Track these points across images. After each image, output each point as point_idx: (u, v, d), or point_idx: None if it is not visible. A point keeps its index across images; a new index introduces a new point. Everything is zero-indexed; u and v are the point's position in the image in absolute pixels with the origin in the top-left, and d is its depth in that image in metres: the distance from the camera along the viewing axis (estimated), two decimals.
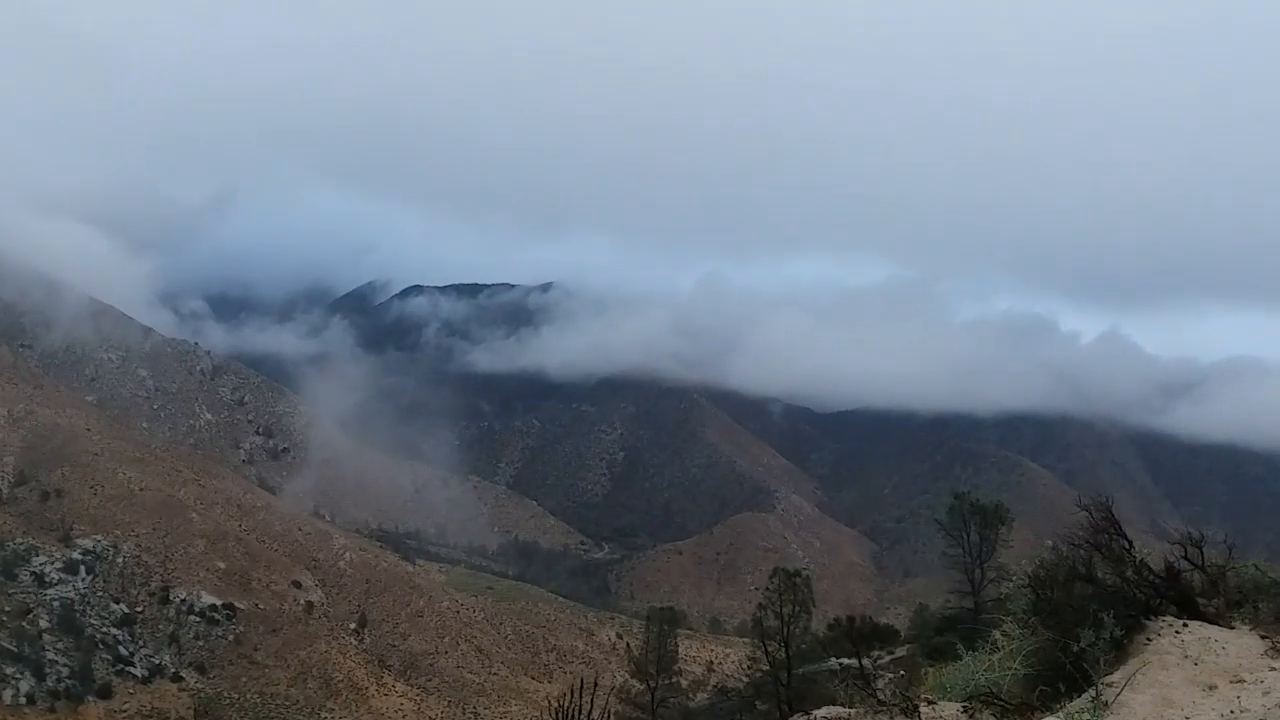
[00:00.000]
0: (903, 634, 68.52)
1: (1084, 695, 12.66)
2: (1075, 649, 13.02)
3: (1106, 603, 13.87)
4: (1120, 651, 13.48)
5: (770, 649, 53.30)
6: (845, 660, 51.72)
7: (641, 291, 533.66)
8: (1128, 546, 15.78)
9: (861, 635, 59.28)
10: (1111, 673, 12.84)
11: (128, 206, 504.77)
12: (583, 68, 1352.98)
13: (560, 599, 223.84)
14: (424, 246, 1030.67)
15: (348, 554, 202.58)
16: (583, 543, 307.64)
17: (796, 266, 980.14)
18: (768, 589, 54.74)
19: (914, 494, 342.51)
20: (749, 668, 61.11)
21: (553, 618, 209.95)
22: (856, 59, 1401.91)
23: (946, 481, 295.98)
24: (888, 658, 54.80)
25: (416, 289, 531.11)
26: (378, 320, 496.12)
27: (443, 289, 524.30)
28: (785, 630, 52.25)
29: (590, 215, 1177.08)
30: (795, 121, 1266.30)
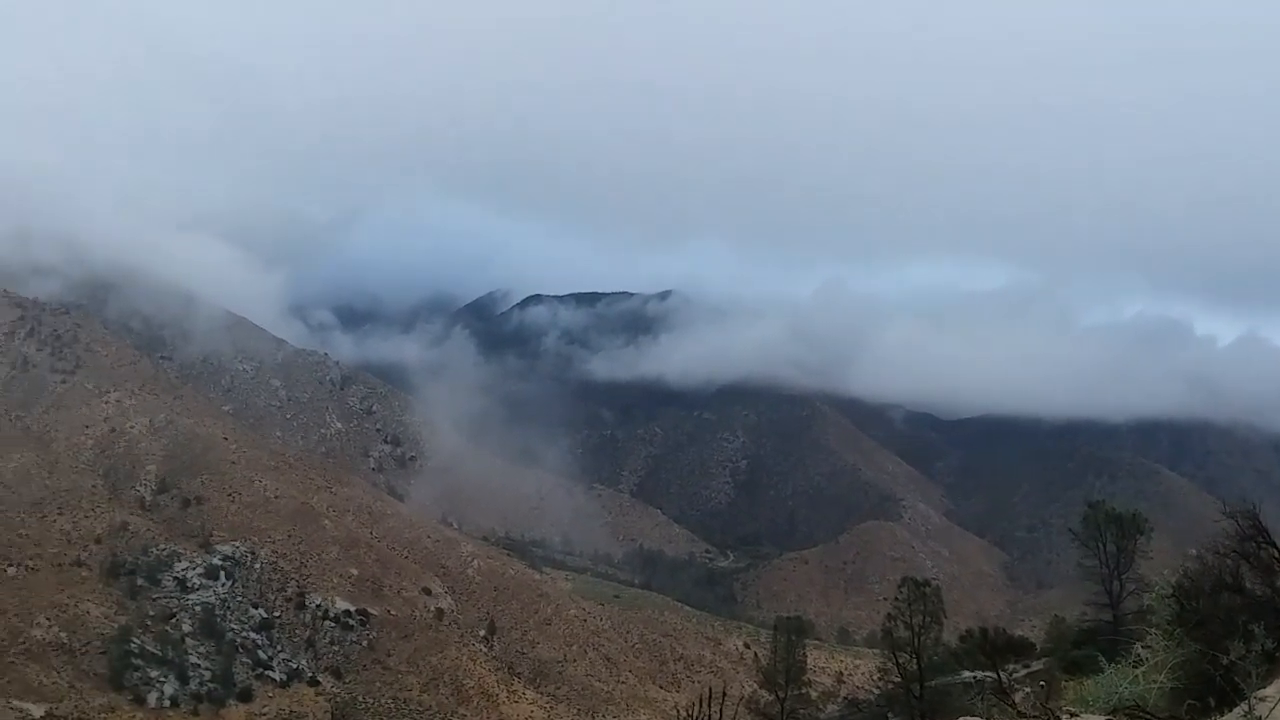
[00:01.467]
0: (1038, 647, 65.21)
1: (1235, 710, 12.14)
2: (1224, 662, 12.56)
3: (1256, 614, 13.42)
4: (1273, 664, 12.86)
5: (901, 660, 52.53)
6: (980, 673, 50.72)
7: (759, 298, 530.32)
8: (1277, 555, 15.18)
9: (996, 647, 56.79)
10: (1264, 686, 12.16)
11: (260, 223, 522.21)
12: (698, 81, 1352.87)
13: (686, 607, 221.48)
14: (544, 256, 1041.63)
15: (475, 561, 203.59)
16: (707, 551, 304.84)
17: (915, 271, 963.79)
18: (897, 599, 54.06)
19: (1045, 503, 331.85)
20: (880, 679, 59.67)
21: (679, 626, 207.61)
22: (970, 62, 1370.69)
23: (1079, 490, 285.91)
24: (1023, 671, 52.71)
25: (536, 298, 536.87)
26: (498, 329, 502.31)
27: (562, 298, 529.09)
28: (916, 641, 51.55)
29: (708, 223, 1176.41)
30: (912, 126, 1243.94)
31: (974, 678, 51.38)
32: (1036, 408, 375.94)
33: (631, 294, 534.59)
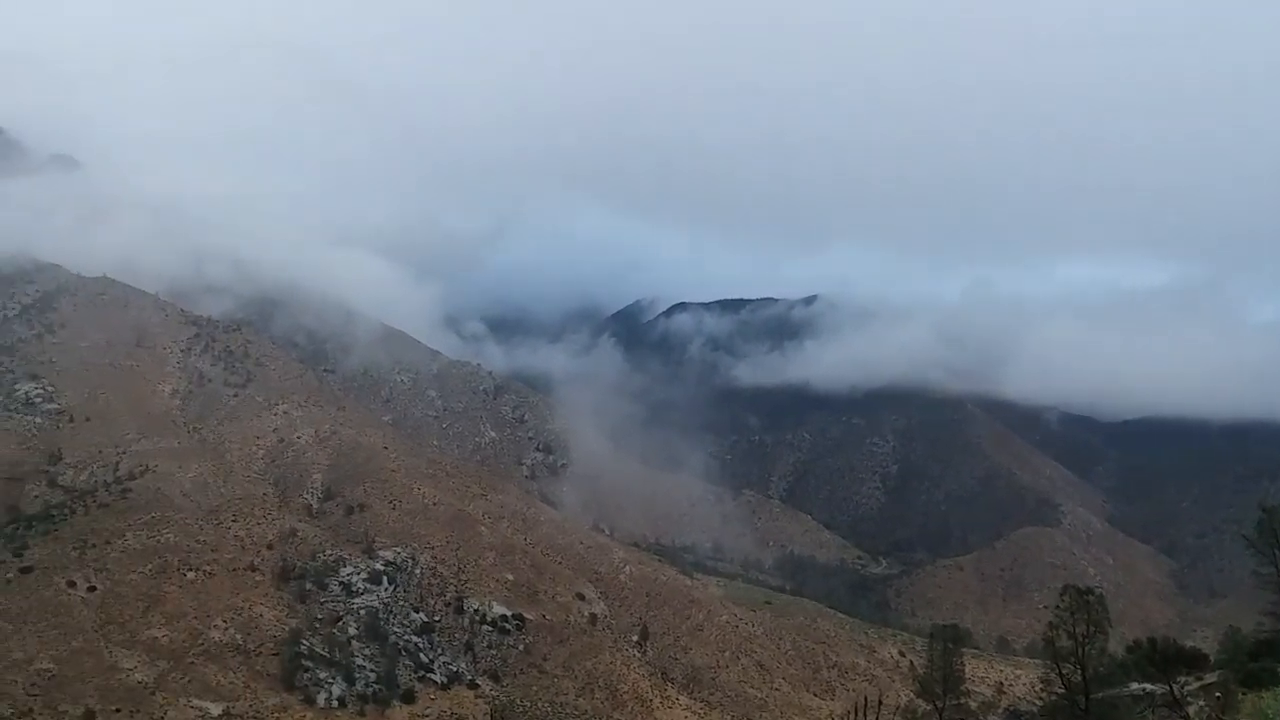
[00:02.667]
0: (1212, 659, 62.21)
1: None
2: None
3: None
4: None
5: (1065, 671, 51.24)
6: (1149, 685, 49.68)
7: (906, 301, 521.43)
8: None
9: (1166, 659, 54.18)
10: None
11: (413, 238, 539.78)
12: (843, 87, 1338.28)
13: (839, 614, 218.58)
14: (690, 265, 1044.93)
15: (627, 567, 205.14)
16: (859, 557, 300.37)
17: (1067, 270, 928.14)
18: (1059, 608, 52.58)
19: (1215, 508, 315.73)
20: (1042, 690, 57.67)
21: (832, 633, 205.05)
22: (1125, 49, 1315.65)
23: (1252, 494, 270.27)
24: (1196, 684, 50.57)
25: (682, 306, 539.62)
26: (644, 337, 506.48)
27: (707, 305, 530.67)
28: (1080, 652, 50.10)
29: (853, 227, 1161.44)
30: (1061, 118, 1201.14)
31: (1143, 690, 50.06)
32: (1203, 408, 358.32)
33: (776, 300, 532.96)
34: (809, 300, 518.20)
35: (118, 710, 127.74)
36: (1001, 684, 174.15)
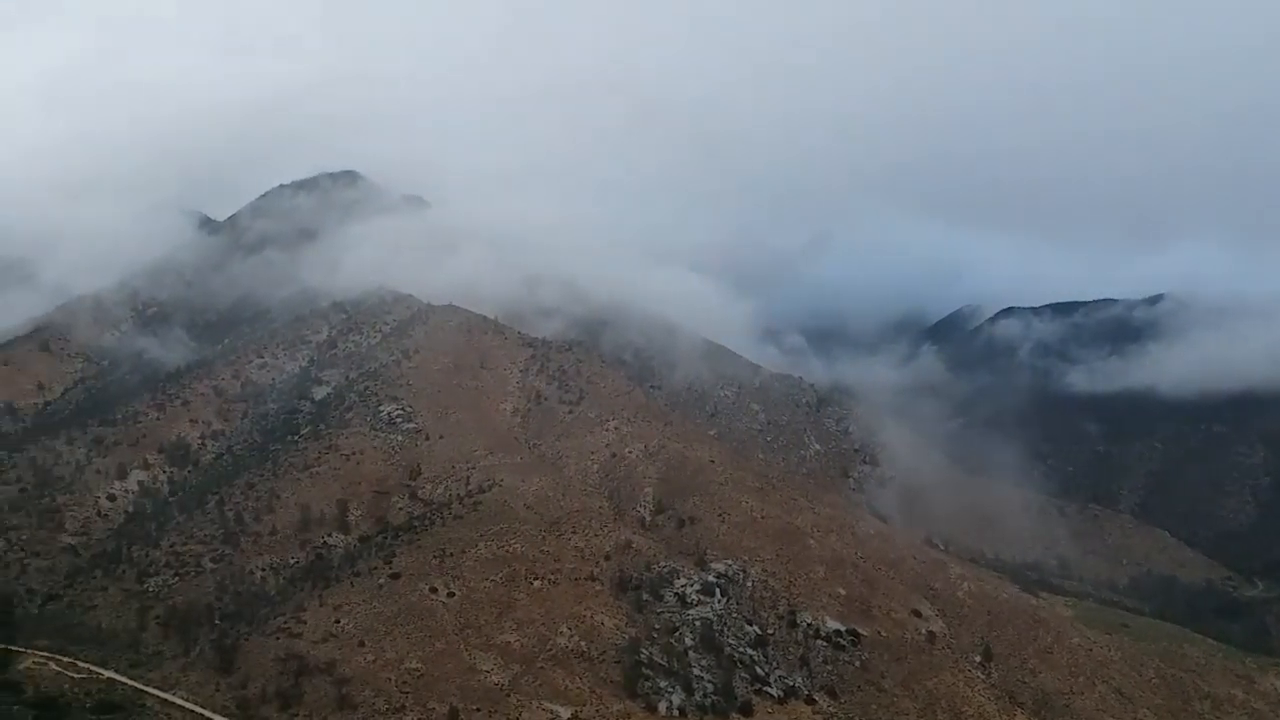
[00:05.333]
0: None
1: None
2: None
3: None
4: None
5: None
6: None
7: (1269, 298, 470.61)
8: None
9: None
10: None
11: (732, 254, 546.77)
12: (1175, 72, 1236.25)
13: (1210, 641, 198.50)
14: (1016, 269, 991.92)
15: (965, 583, 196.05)
16: (1228, 578, 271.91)
17: None
18: None
19: None
20: None
21: (1202, 661, 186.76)
22: None
23: None
24: None
25: (1008, 311, 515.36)
26: (968, 346, 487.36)
27: (1036, 310, 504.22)
28: None
29: (1198, 221, 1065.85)
30: None
31: None
32: None
33: (1115, 301, 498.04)
34: (1153, 300, 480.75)
35: (478, 709, 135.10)
36: None
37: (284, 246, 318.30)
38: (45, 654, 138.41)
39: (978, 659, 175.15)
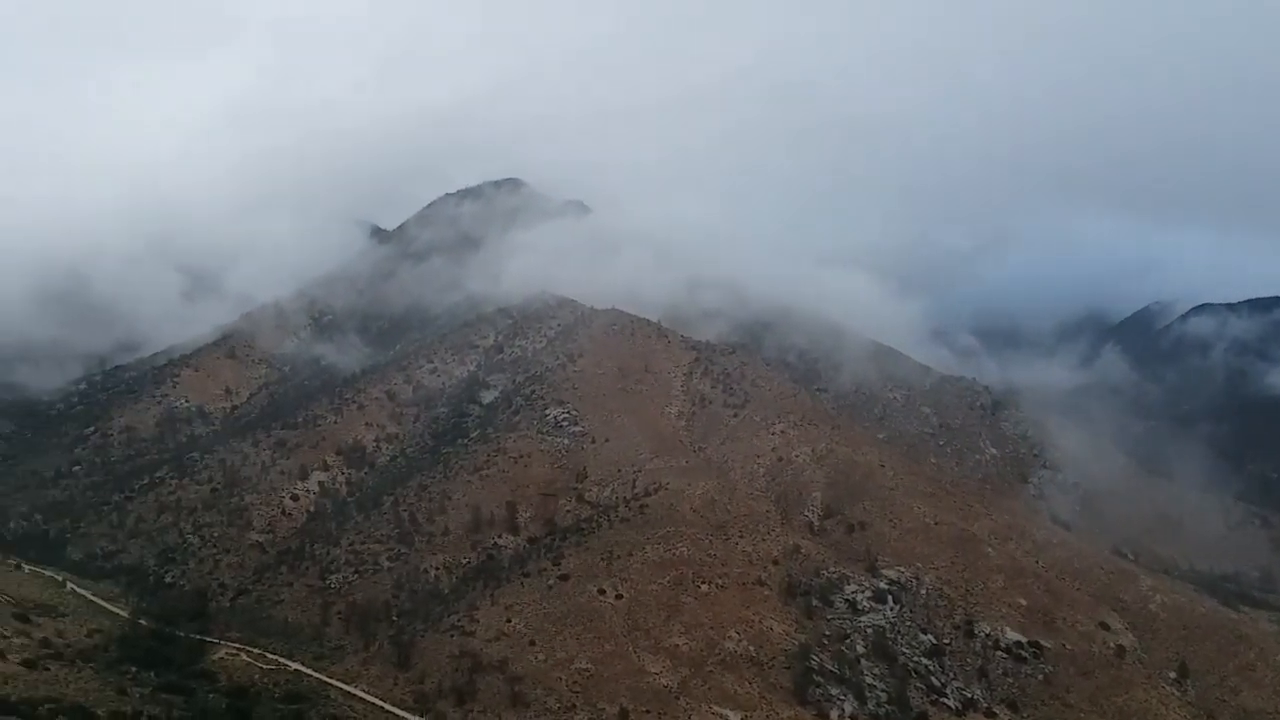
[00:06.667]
0: None
1: None
2: None
3: None
4: None
5: None
6: None
7: None
8: None
9: None
10: None
11: (899, 254, 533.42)
12: None
13: None
14: (1209, 264, 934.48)
15: (1157, 596, 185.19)
16: None
17: None
18: None
19: None
20: None
21: None
22: None
23: None
24: None
25: (1201, 309, 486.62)
26: (1155, 345, 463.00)
27: (1233, 306, 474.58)
28: None
29: None
30: None
31: None
32: None
33: None
34: None
35: (647, 711, 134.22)
36: None
37: (450, 254, 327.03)
38: (236, 645, 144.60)
39: (1172, 675, 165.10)
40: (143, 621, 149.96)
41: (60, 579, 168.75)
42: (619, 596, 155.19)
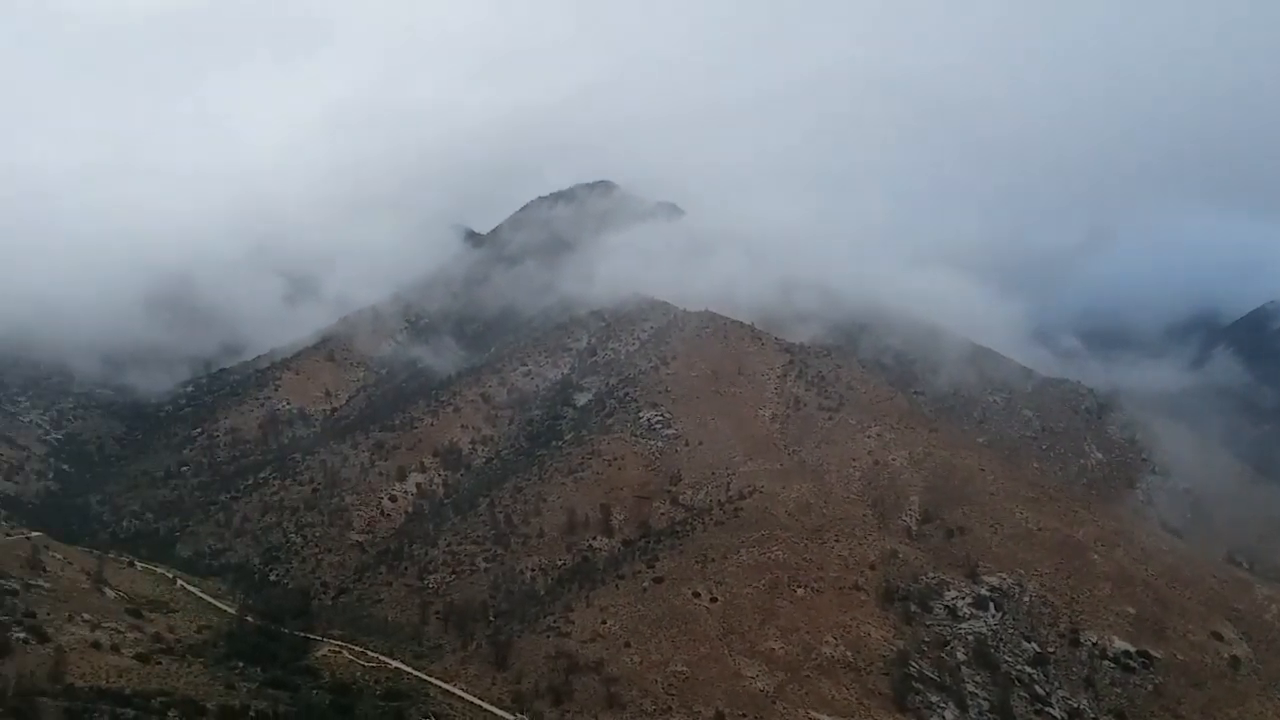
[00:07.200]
0: None
1: None
2: None
3: None
4: None
5: None
6: None
7: None
8: None
9: None
10: None
11: (998, 253, 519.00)
12: None
13: None
14: None
15: (1273, 605, 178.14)
16: None
17: None
18: None
19: None
20: None
21: None
22: None
23: None
24: None
25: None
26: (1269, 346, 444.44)
27: None
28: None
29: None
30: None
31: None
32: None
33: None
34: None
35: (743, 715, 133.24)
36: None
37: (543, 257, 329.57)
38: (339, 643, 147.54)
39: None
40: (249, 618, 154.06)
41: (170, 576, 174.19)
42: (714, 599, 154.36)
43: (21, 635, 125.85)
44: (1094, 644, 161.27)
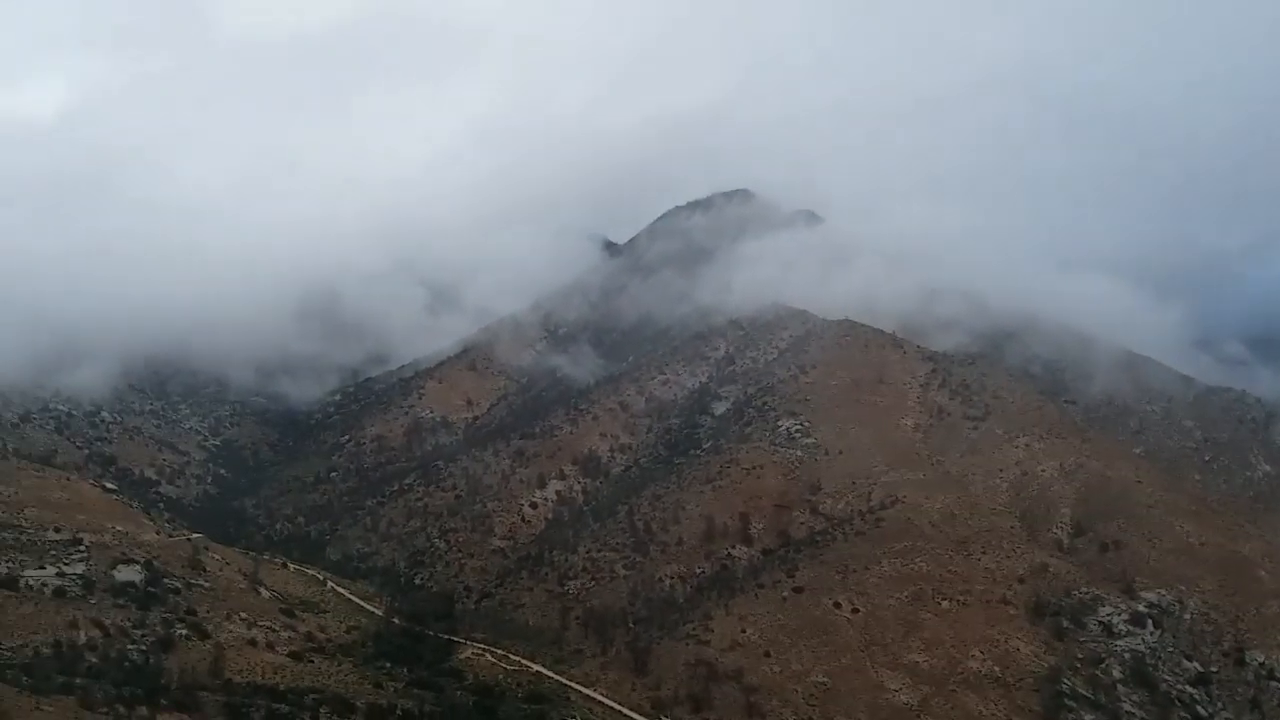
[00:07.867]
0: None
1: None
2: None
3: None
4: None
5: None
6: None
7: None
8: None
9: None
10: None
11: (1154, 257, 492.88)
12: None
13: None
14: None
15: None
16: None
17: None
18: None
19: None
20: None
21: None
22: None
23: None
24: None
25: None
26: None
27: None
28: None
29: None
30: None
31: None
32: None
33: None
34: None
35: None
36: None
37: (680, 266, 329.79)
38: (481, 646, 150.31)
39: None
40: (395, 620, 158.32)
41: (321, 578, 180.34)
42: (855, 610, 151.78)
43: (184, 632, 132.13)
44: (1260, 664, 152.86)
